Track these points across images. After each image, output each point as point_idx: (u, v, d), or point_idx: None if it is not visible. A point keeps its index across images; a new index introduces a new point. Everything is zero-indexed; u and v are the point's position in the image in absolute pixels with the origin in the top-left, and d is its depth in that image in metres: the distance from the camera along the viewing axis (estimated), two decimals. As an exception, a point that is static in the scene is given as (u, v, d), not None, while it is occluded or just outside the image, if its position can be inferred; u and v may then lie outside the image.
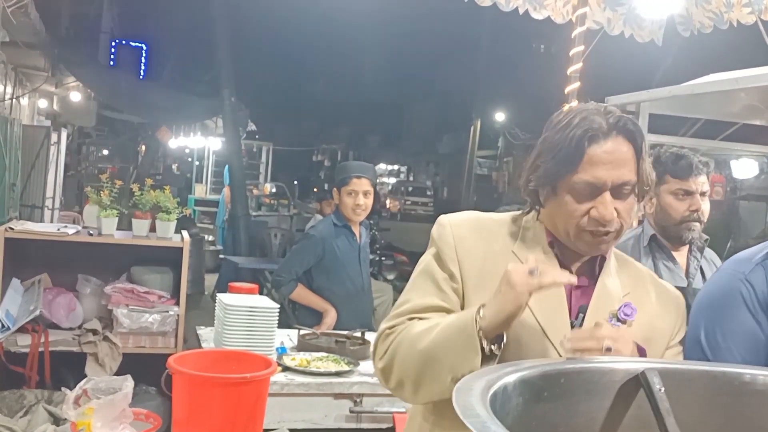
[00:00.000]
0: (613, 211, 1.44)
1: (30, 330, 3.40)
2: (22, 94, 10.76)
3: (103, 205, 3.52)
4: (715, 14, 4.40)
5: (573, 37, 4.41)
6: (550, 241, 1.54)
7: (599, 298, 1.53)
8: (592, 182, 1.44)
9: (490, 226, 1.59)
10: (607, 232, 1.46)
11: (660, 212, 2.65)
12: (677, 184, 2.59)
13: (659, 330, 1.58)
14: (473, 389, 1.04)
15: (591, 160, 1.43)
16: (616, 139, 1.45)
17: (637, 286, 1.60)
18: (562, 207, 1.47)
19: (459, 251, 1.53)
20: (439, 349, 1.41)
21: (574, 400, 1.28)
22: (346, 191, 3.76)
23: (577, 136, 1.43)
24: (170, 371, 2.25)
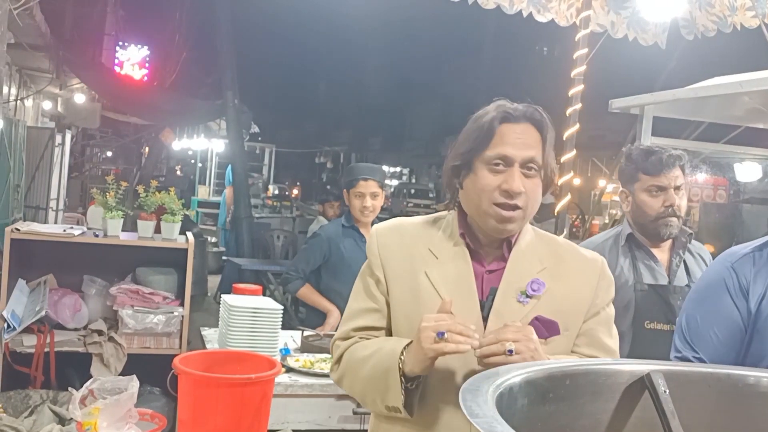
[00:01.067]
0: (521, 185, 1.58)
1: (36, 330, 3.41)
2: (26, 96, 10.81)
3: (109, 207, 3.53)
4: (719, 18, 4.40)
5: (577, 40, 4.42)
6: (462, 232, 1.68)
7: (509, 279, 1.65)
8: (503, 155, 1.59)
9: (411, 230, 1.75)
10: (515, 206, 1.58)
11: (636, 210, 2.63)
12: (650, 181, 2.58)
13: (575, 300, 1.67)
14: (480, 390, 1.05)
15: (502, 138, 1.61)
16: (525, 125, 1.62)
17: (556, 260, 1.70)
18: (477, 183, 1.61)
19: (382, 257, 1.71)
20: (372, 385, 1.62)
21: (580, 401, 1.29)
22: (353, 193, 3.78)
23: (491, 117, 1.62)
24: (176, 372, 2.27)
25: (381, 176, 3.90)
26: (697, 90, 3.23)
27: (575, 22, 4.46)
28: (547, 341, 1.60)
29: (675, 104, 3.57)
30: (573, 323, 1.66)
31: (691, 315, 1.90)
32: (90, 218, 3.79)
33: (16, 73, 9.53)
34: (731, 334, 1.83)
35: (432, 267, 1.66)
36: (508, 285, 1.64)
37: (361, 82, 30.45)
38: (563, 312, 1.64)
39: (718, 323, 1.84)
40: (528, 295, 1.62)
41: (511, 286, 1.64)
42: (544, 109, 1.68)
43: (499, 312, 1.62)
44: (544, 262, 1.68)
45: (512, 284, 1.64)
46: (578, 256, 1.75)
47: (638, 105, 3.64)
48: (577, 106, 4.41)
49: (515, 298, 1.63)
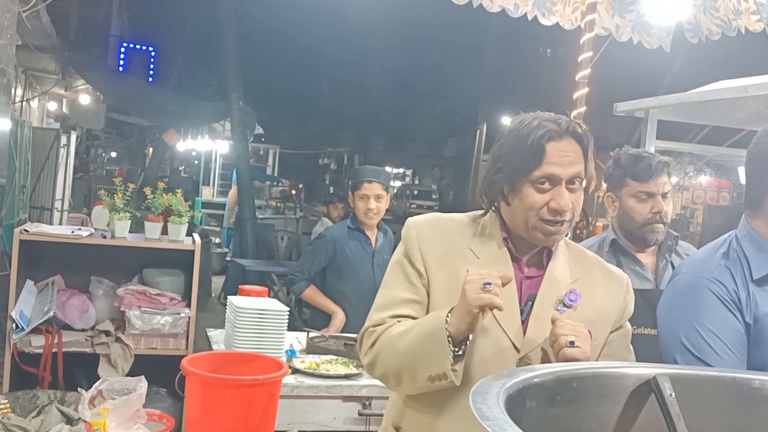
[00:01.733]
0: (569, 201, 1.62)
1: (43, 331, 3.43)
2: (32, 97, 10.83)
3: (117, 208, 3.55)
4: (723, 21, 4.41)
5: (581, 43, 4.42)
6: (505, 237, 1.71)
7: (547, 286, 1.69)
8: (551, 175, 1.62)
9: (450, 225, 1.76)
10: (563, 221, 1.63)
11: (623, 215, 2.61)
12: (638, 187, 2.56)
13: (604, 313, 1.74)
14: (489, 392, 1.07)
15: (549, 158, 1.62)
16: (568, 140, 1.65)
17: (585, 273, 1.76)
18: (524, 200, 1.64)
19: (422, 249, 1.71)
20: (414, 353, 1.60)
21: (587, 404, 1.30)
22: (358, 195, 3.81)
23: (537, 137, 1.62)
24: (184, 372, 2.29)
25: (385, 179, 3.92)
26: (701, 94, 3.24)
27: (580, 25, 4.47)
28: None
29: (679, 107, 3.58)
30: (600, 335, 1.72)
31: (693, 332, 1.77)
32: (95, 219, 3.81)
33: (21, 74, 9.56)
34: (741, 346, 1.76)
35: (474, 266, 1.67)
36: (547, 292, 1.69)
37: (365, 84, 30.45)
38: (593, 323, 1.68)
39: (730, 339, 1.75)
40: (565, 304, 1.67)
41: (549, 293, 1.69)
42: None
43: (539, 318, 1.65)
44: (575, 273, 1.74)
45: (551, 292, 1.69)
46: (607, 271, 1.81)
47: (643, 108, 3.66)
48: (582, 109, 4.41)
49: (553, 306, 1.67)
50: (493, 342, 1.63)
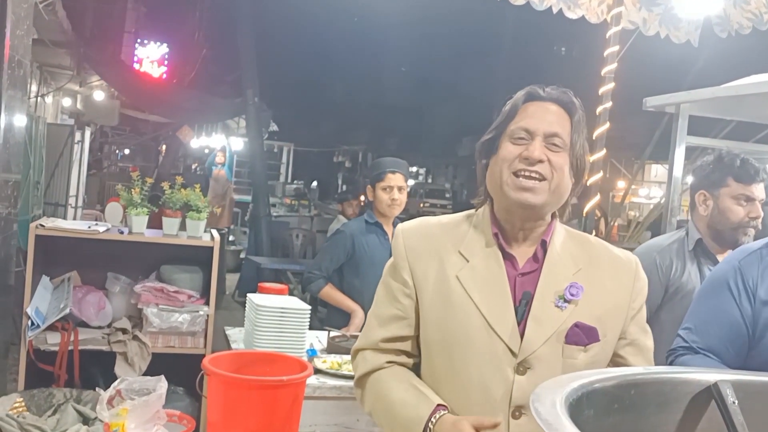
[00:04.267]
0: (542, 153, 1.53)
1: (59, 328, 3.37)
2: (47, 93, 10.84)
3: (134, 204, 3.49)
4: (755, 15, 4.31)
5: (608, 37, 4.34)
6: (495, 232, 1.61)
7: (546, 281, 1.58)
8: (525, 127, 1.56)
9: (438, 230, 1.68)
10: (536, 173, 1.53)
11: (717, 215, 2.59)
12: (740, 189, 2.54)
13: (612, 303, 1.61)
14: (550, 401, 0.99)
15: (526, 111, 1.59)
16: (552, 104, 1.60)
17: (591, 261, 1.63)
18: (498, 156, 1.58)
19: (410, 258, 1.64)
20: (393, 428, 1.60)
21: (645, 412, 1.23)
22: (380, 186, 3.74)
23: (519, 96, 1.62)
24: (206, 373, 2.21)
25: (406, 170, 3.87)
26: (737, 88, 3.14)
27: (606, 19, 4.38)
28: (587, 348, 1.54)
29: (711, 103, 3.47)
30: (611, 328, 1.60)
31: (695, 309, 1.94)
32: (108, 215, 3.75)
33: (36, 69, 9.55)
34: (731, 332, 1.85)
35: (463, 270, 1.59)
36: (545, 289, 1.58)
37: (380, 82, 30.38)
38: (600, 317, 1.58)
39: (718, 320, 1.86)
40: (566, 300, 1.56)
41: (548, 289, 1.57)
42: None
43: (538, 318, 1.55)
44: (578, 263, 1.62)
45: (549, 288, 1.58)
46: (612, 257, 1.67)
47: (674, 103, 3.55)
48: (608, 104, 4.33)
49: (553, 303, 1.56)
50: (486, 348, 1.54)
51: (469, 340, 1.54)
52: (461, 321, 1.55)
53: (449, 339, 1.57)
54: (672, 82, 8.14)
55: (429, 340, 1.61)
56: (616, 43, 4.31)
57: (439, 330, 1.58)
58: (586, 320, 1.55)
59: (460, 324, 1.55)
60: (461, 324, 1.55)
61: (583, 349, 1.53)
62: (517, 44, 21.78)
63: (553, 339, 1.53)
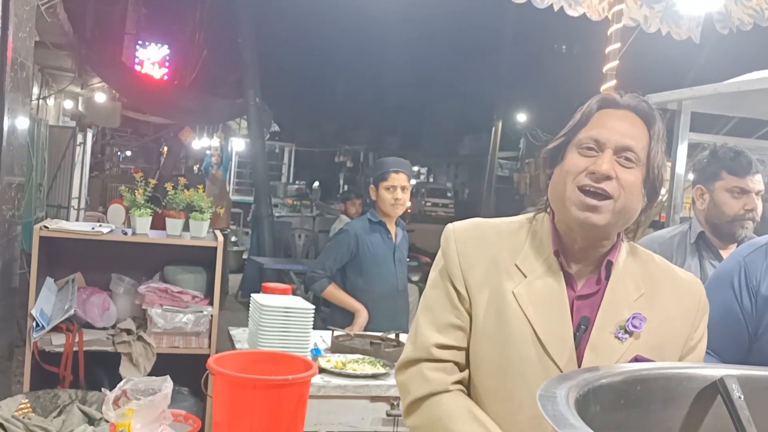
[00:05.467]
0: (611, 168, 1.40)
1: (64, 329, 3.37)
2: (48, 95, 10.84)
3: (137, 205, 3.50)
4: (756, 11, 4.30)
5: (609, 34, 4.34)
6: (556, 249, 1.48)
7: (607, 309, 1.46)
8: (595, 137, 1.43)
9: (494, 236, 1.54)
10: (602, 191, 1.40)
11: (713, 209, 2.59)
12: (734, 182, 2.54)
13: (672, 332, 1.50)
14: (557, 397, 1.00)
15: (599, 120, 1.46)
16: (629, 114, 1.46)
17: (654, 285, 1.51)
18: (564, 167, 1.45)
19: (463, 267, 1.51)
20: None
21: (651, 408, 1.23)
22: (384, 186, 3.75)
23: (593, 103, 1.48)
24: (211, 372, 2.22)
25: (409, 170, 3.90)
26: (739, 84, 3.14)
27: (607, 16, 4.38)
28: None
29: (714, 99, 3.48)
30: (669, 358, 1.49)
31: None
32: (111, 217, 3.75)
33: (38, 72, 9.56)
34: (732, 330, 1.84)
35: (520, 286, 1.46)
36: (606, 317, 1.46)
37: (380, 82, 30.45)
38: (660, 347, 1.47)
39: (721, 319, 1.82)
40: (627, 331, 1.44)
41: (609, 318, 1.45)
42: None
43: (597, 348, 1.44)
44: (640, 287, 1.50)
45: (610, 316, 1.45)
46: (676, 280, 1.56)
47: (676, 100, 3.55)
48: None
49: (613, 334, 1.44)
50: (540, 373, 1.41)
51: (523, 363, 1.43)
52: (516, 341, 1.44)
53: (502, 358, 1.45)
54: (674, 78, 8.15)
55: (480, 356, 1.49)
56: (617, 40, 4.32)
57: (492, 347, 1.47)
58: (645, 352, 1.44)
59: (514, 344, 1.44)
60: (515, 344, 1.44)
61: None
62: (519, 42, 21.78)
63: None
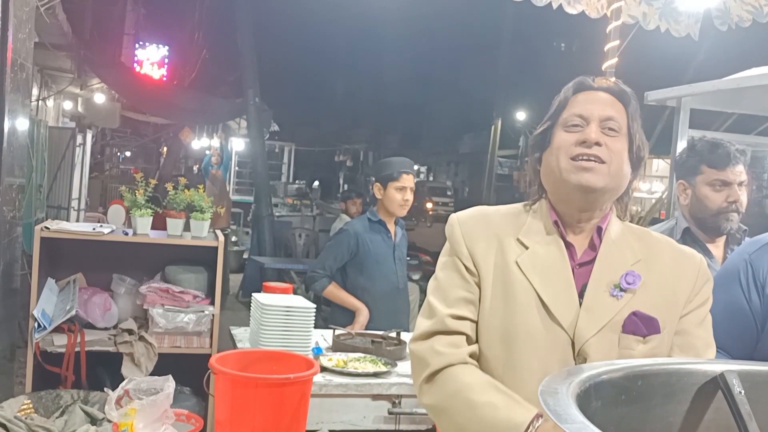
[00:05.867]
0: (599, 136, 1.49)
1: (66, 330, 3.38)
2: (48, 96, 10.84)
3: (138, 204, 3.50)
4: (755, 7, 4.30)
5: (608, 31, 4.33)
6: (555, 220, 1.56)
7: (600, 270, 1.52)
8: (579, 113, 1.53)
9: (497, 219, 1.63)
10: (595, 156, 1.48)
11: (696, 203, 2.54)
12: (714, 175, 2.48)
13: (672, 294, 1.54)
14: (559, 393, 1.00)
15: (578, 99, 1.56)
16: (604, 94, 1.56)
17: (651, 253, 1.57)
18: (554, 145, 1.54)
19: (469, 246, 1.58)
20: None
21: (651, 403, 1.23)
22: (394, 186, 3.76)
23: (569, 87, 1.58)
24: (213, 371, 2.23)
25: (414, 171, 3.92)
26: (738, 80, 3.14)
27: (606, 13, 4.38)
28: (646, 340, 1.47)
29: (712, 95, 3.48)
30: (670, 321, 1.52)
31: None
32: (111, 217, 3.76)
33: (37, 73, 9.55)
34: (741, 327, 1.83)
35: (523, 256, 1.53)
36: (599, 277, 1.51)
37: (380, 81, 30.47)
38: (659, 308, 1.50)
39: (727, 315, 1.82)
40: (622, 289, 1.48)
41: (603, 278, 1.51)
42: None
43: (591, 308, 1.48)
44: (637, 254, 1.55)
45: (604, 276, 1.51)
46: (675, 250, 1.61)
47: (675, 97, 3.56)
48: (609, 99, 4.33)
49: (608, 292, 1.49)
50: (547, 337, 1.47)
51: (530, 329, 1.48)
52: (522, 308, 1.49)
53: (510, 327, 1.50)
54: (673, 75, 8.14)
55: (489, 326, 1.53)
56: (616, 37, 4.31)
57: (500, 317, 1.51)
58: (644, 310, 1.48)
59: (521, 312, 1.49)
60: (522, 312, 1.49)
61: (642, 340, 1.46)
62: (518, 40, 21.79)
63: (607, 329, 1.47)
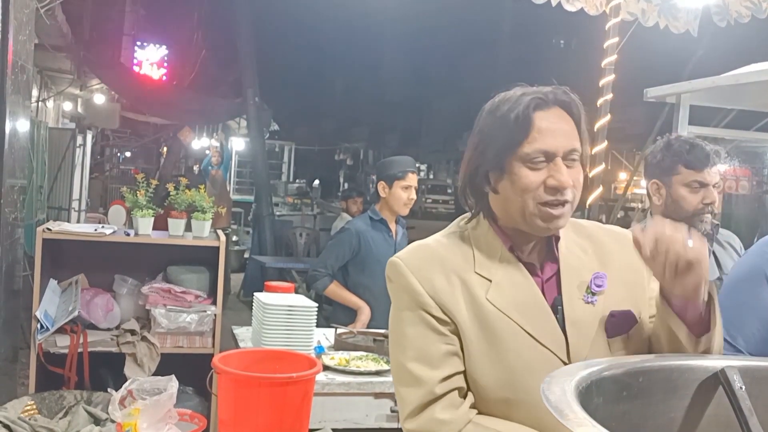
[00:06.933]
0: (569, 178, 1.41)
1: (68, 331, 3.39)
2: (47, 97, 10.85)
3: (140, 205, 3.51)
4: (753, 3, 4.32)
5: (607, 28, 4.35)
6: (510, 246, 1.48)
7: (569, 281, 1.48)
8: (545, 149, 1.41)
9: (442, 253, 1.49)
10: (564, 201, 1.42)
11: (671, 204, 2.47)
12: (692, 176, 2.43)
13: (632, 275, 1.52)
14: (560, 390, 1.01)
15: (540, 129, 1.42)
16: (557, 110, 1.45)
17: (592, 240, 1.55)
18: (516, 183, 1.42)
19: (431, 293, 1.44)
20: None
21: (653, 399, 1.24)
22: (401, 185, 3.78)
23: (522, 107, 1.42)
24: (216, 371, 2.23)
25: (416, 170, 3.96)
26: (737, 77, 3.15)
27: (605, 10, 4.39)
28: (630, 335, 1.46)
29: (712, 92, 3.49)
30: (640, 303, 1.49)
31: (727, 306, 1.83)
32: (112, 218, 3.76)
33: (37, 74, 9.56)
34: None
35: (491, 291, 1.43)
36: (570, 288, 1.47)
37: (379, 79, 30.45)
38: (626, 298, 1.48)
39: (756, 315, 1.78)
40: (593, 293, 1.46)
41: (573, 287, 1.47)
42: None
43: (574, 320, 1.44)
44: (585, 247, 1.53)
45: (573, 285, 1.47)
46: (609, 232, 1.59)
47: (674, 93, 3.56)
48: (608, 96, 4.34)
49: (582, 300, 1.46)
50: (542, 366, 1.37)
51: (524, 363, 1.40)
52: (510, 345, 1.41)
53: (504, 367, 1.41)
54: (672, 72, 8.15)
55: (481, 372, 1.43)
56: (615, 34, 4.33)
57: (490, 360, 1.42)
58: (616, 306, 1.46)
59: (510, 349, 1.41)
60: (511, 348, 1.41)
61: (626, 337, 1.45)
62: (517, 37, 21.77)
63: (596, 339, 1.44)
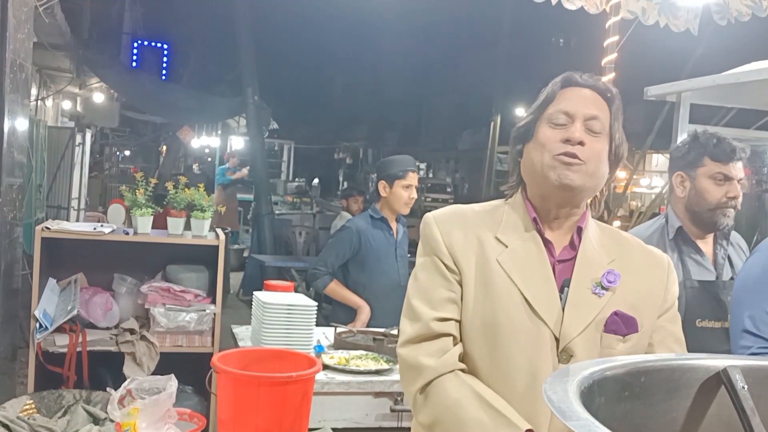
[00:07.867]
0: (582, 135, 1.51)
1: (67, 330, 3.39)
2: (47, 96, 10.83)
3: (138, 204, 3.50)
4: (754, 2, 4.31)
5: (607, 27, 4.34)
6: (534, 217, 1.58)
7: (581, 268, 1.55)
8: (564, 110, 1.54)
9: (473, 217, 1.63)
10: (575, 155, 1.50)
11: (694, 197, 2.49)
12: (717, 168, 2.45)
13: (647, 293, 1.59)
14: (563, 390, 1.00)
15: (565, 95, 1.58)
16: (589, 91, 1.58)
17: (623, 253, 1.62)
18: (538, 141, 1.56)
19: (447, 243, 1.58)
20: None
21: (655, 399, 1.23)
22: (402, 184, 3.78)
23: (556, 82, 1.61)
24: (215, 370, 2.22)
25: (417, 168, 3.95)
26: (738, 75, 3.14)
27: (605, 9, 4.38)
28: (625, 339, 1.51)
29: (712, 90, 3.48)
30: (647, 320, 1.56)
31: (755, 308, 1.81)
32: (111, 217, 3.75)
33: (36, 73, 9.54)
34: None
35: (503, 254, 1.54)
36: (581, 275, 1.54)
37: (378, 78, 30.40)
38: (635, 307, 1.54)
39: None
40: (603, 287, 1.53)
41: (585, 276, 1.54)
42: None
43: (576, 304, 1.51)
44: (611, 253, 1.59)
45: (586, 274, 1.54)
46: (645, 251, 1.66)
47: (675, 92, 3.55)
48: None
49: (590, 290, 1.52)
50: (531, 334, 1.49)
51: (514, 325, 1.50)
52: (505, 306, 1.51)
53: (493, 324, 1.51)
54: (672, 70, 8.14)
55: (472, 324, 1.54)
56: (615, 33, 4.32)
57: (483, 315, 1.52)
58: (623, 309, 1.52)
59: (504, 309, 1.51)
60: (505, 309, 1.51)
61: (621, 339, 1.50)
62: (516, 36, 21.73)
63: (592, 327, 1.50)
